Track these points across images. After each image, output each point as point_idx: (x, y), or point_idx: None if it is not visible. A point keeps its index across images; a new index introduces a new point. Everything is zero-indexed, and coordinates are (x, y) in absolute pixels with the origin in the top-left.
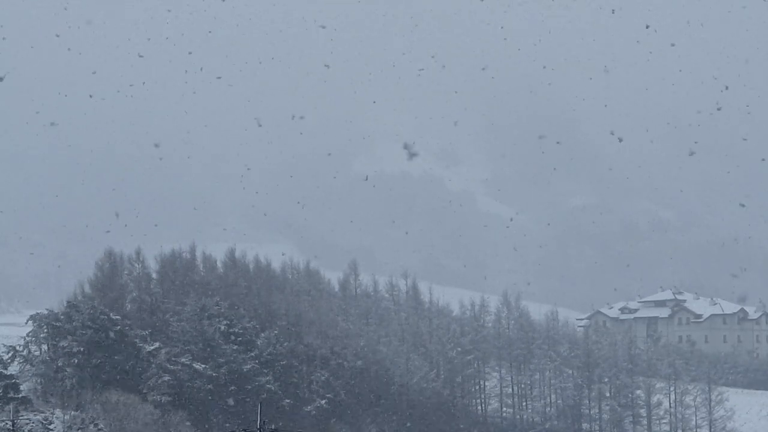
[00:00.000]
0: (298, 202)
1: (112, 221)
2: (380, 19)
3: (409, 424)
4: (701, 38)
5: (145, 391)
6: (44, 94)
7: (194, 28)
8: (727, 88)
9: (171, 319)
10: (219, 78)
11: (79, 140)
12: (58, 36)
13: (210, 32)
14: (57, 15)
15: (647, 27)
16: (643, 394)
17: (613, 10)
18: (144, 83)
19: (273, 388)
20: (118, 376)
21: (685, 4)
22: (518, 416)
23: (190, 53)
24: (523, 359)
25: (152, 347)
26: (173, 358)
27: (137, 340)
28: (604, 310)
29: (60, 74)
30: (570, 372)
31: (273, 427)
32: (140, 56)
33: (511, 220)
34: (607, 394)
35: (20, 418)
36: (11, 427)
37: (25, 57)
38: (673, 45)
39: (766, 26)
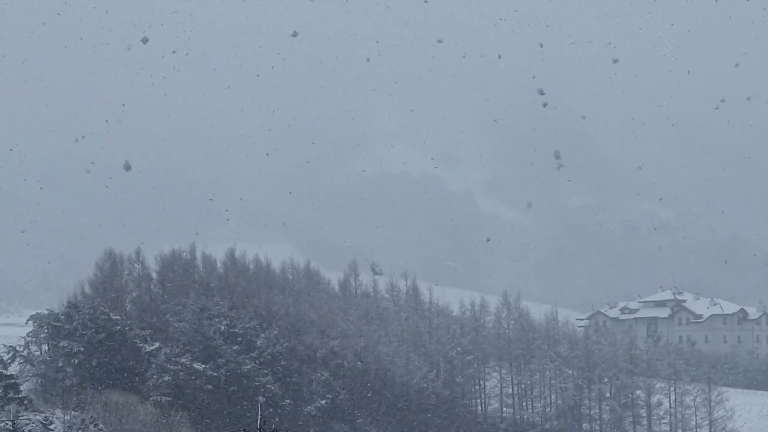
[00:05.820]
0: (298, 202)
1: (113, 222)
2: (381, 19)
3: (408, 425)
4: (702, 38)
5: (145, 391)
6: (44, 93)
7: (194, 29)
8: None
9: (171, 319)
10: (220, 79)
11: (79, 140)
12: (58, 32)
13: (214, 35)
14: (57, 10)
15: (641, 21)
16: (643, 395)
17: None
18: (144, 82)
19: (273, 388)
20: (118, 376)
21: (686, 4)
22: (518, 416)
23: (188, 54)
24: (523, 359)
25: (152, 347)
26: (173, 358)
27: (137, 340)
28: (604, 310)
29: (60, 73)
30: (570, 372)
31: (273, 427)
32: (142, 53)
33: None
34: (607, 394)
35: (20, 418)
36: (11, 428)
37: (25, 56)
38: (680, 48)
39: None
